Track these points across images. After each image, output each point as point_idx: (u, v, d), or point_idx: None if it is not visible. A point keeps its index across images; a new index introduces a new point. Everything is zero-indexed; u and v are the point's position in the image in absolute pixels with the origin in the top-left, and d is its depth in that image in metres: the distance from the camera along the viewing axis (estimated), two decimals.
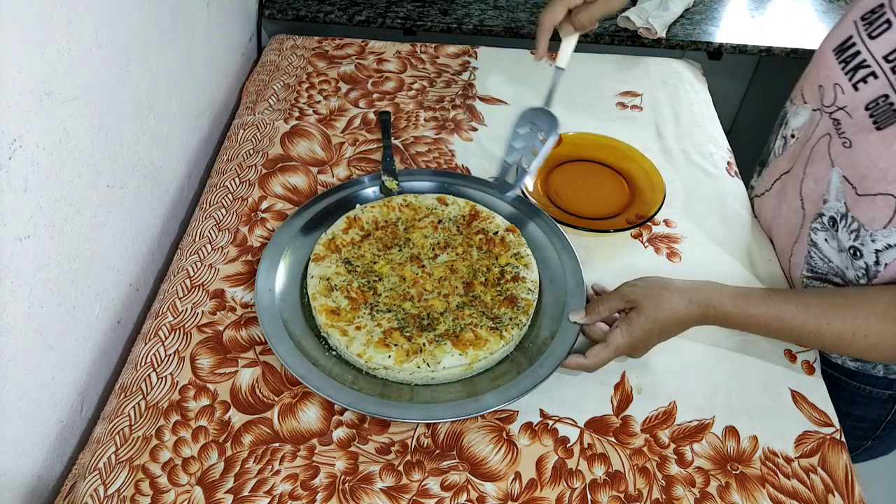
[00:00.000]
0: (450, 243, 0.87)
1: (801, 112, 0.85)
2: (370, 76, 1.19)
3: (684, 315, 0.74)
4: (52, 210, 0.68)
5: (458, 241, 0.87)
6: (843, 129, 0.75)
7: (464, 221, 0.90)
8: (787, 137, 0.87)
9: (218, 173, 1.01)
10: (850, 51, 0.74)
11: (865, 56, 0.72)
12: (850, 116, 0.74)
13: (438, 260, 0.85)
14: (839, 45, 0.76)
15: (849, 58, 0.74)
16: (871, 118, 0.71)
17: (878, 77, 0.71)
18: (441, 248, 0.87)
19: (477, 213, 0.90)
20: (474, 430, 0.74)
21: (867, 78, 0.72)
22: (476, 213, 0.90)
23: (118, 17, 0.78)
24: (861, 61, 0.73)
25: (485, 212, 0.90)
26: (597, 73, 1.23)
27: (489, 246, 0.86)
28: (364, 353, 0.74)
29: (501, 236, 0.87)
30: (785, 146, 0.88)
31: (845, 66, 0.75)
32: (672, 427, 0.75)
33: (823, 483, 0.71)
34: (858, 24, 0.74)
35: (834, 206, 0.76)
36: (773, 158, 0.91)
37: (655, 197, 0.97)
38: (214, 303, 0.84)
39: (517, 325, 0.78)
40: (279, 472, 0.69)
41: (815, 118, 0.81)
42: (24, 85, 0.62)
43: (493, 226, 0.88)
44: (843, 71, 0.75)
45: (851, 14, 0.76)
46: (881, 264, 0.73)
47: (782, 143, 0.89)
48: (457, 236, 0.88)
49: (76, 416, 0.77)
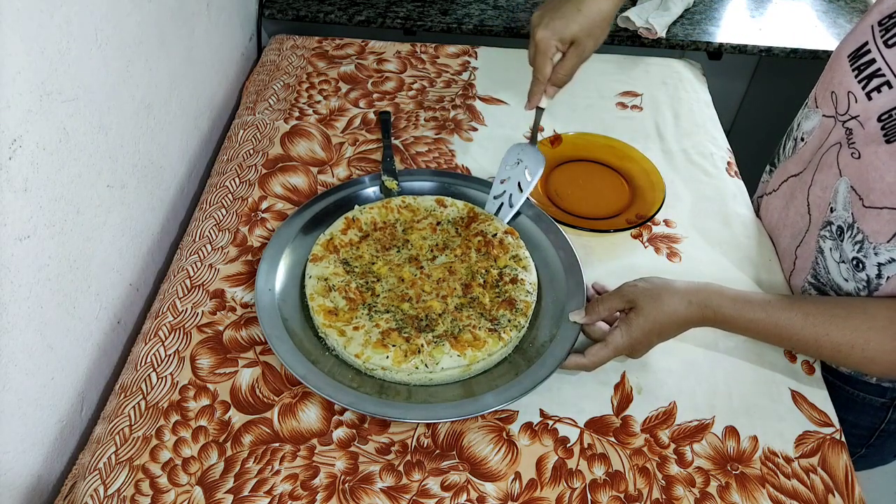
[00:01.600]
0: (448, 245, 0.87)
1: (811, 116, 0.83)
2: (370, 76, 1.19)
3: (683, 316, 0.74)
4: (52, 210, 0.68)
5: (457, 243, 0.87)
6: (854, 139, 0.73)
7: (462, 223, 0.90)
8: (797, 140, 0.86)
9: (218, 173, 1.01)
10: (864, 58, 0.72)
11: (880, 64, 0.70)
12: (863, 127, 0.72)
13: (437, 261, 0.85)
14: (854, 52, 0.74)
15: (863, 65, 0.72)
16: (882, 130, 0.69)
17: (893, 87, 0.69)
18: (440, 250, 0.87)
19: (476, 215, 0.90)
20: (474, 430, 0.74)
21: (881, 87, 0.70)
22: (475, 216, 0.90)
23: (118, 17, 0.78)
24: (876, 70, 0.71)
25: (483, 214, 0.90)
26: (597, 73, 1.22)
27: (488, 248, 0.86)
28: (362, 354, 0.74)
29: (500, 238, 0.87)
30: (794, 149, 0.87)
31: (859, 74, 0.73)
32: (672, 427, 0.75)
33: (823, 483, 0.71)
34: (875, 29, 0.72)
35: (841, 215, 0.76)
36: (784, 159, 0.91)
37: (655, 197, 0.97)
38: (214, 303, 0.84)
39: (516, 327, 0.78)
40: (279, 472, 0.69)
41: (827, 125, 0.80)
42: (24, 85, 0.62)
43: (492, 228, 0.88)
44: (857, 79, 0.73)
45: (869, 17, 0.74)
46: (883, 277, 0.73)
47: (792, 146, 0.88)
48: (455, 238, 0.88)
49: (76, 416, 0.77)
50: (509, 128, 1.11)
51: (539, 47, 0.85)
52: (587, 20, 0.83)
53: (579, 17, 0.83)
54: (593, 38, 0.85)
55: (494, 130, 1.10)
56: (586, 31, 0.84)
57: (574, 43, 0.85)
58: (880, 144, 0.69)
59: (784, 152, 0.91)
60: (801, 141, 0.86)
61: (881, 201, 0.70)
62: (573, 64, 0.86)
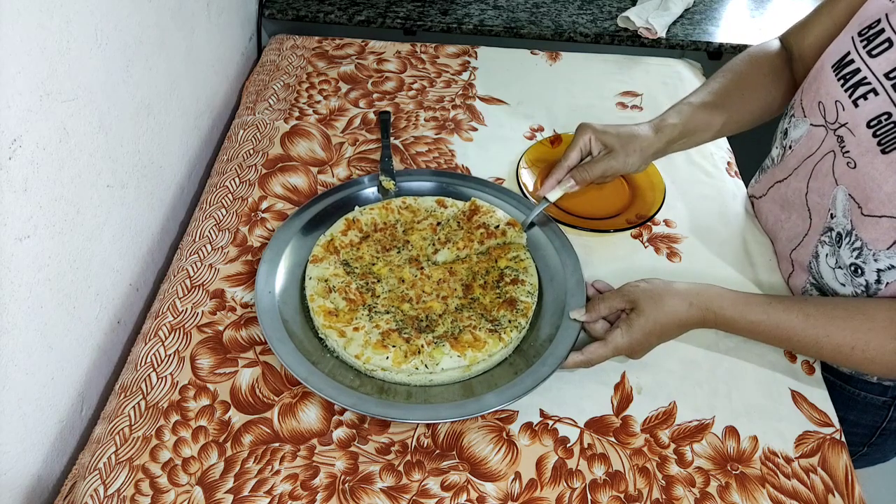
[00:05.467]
0: (451, 238, 0.87)
1: (799, 125, 0.84)
2: (370, 76, 1.19)
3: (684, 317, 0.74)
4: (52, 210, 0.68)
5: (460, 236, 0.87)
6: (848, 147, 0.74)
7: (464, 216, 0.90)
8: (786, 148, 0.87)
9: (218, 173, 1.01)
10: (849, 67, 0.74)
11: (866, 73, 0.72)
12: (853, 134, 0.73)
13: (439, 255, 0.85)
14: (838, 62, 0.76)
15: (848, 75, 0.74)
16: (876, 138, 0.70)
17: (879, 94, 0.70)
18: (441, 244, 0.86)
19: (477, 207, 0.90)
20: (474, 430, 0.74)
21: (867, 95, 0.72)
22: (476, 208, 0.90)
23: (118, 17, 0.78)
24: (861, 78, 0.72)
25: (485, 206, 0.90)
26: (597, 73, 1.23)
27: (490, 239, 0.86)
28: (362, 355, 0.74)
29: (503, 230, 0.87)
30: (782, 156, 0.88)
31: (845, 83, 0.74)
32: (672, 427, 0.75)
33: (823, 483, 0.71)
34: (856, 40, 0.74)
35: (841, 221, 0.76)
36: (771, 166, 0.91)
37: (655, 197, 0.97)
38: (214, 303, 0.84)
39: (516, 328, 0.78)
40: (279, 472, 0.69)
41: (817, 134, 0.80)
42: (24, 85, 0.62)
43: (494, 220, 0.88)
44: (843, 88, 0.74)
45: (849, 29, 0.76)
46: (882, 283, 0.73)
47: (780, 153, 0.88)
48: (458, 231, 0.88)
49: (76, 416, 0.77)
50: (509, 128, 1.11)
51: (575, 136, 0.87)
52: (629, 135, 0.86)
53: (622, 130, 0.87)
54: (628, 155, 0.85)
55: (494, 130, 1.10)
56: (624, 143, 0.85)
57: (610, 150, 0.86)
58: (876, 155, 0.70)
59: (772, 159, 0.92)
60: (788, 149, 0.86)
61: (880, 209, 0.70)
62: (600, 168, 0.86)
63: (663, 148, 0.88)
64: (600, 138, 0.86)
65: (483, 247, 0.86)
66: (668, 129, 0.87)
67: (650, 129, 0.87)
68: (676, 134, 0.87)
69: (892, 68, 0.69)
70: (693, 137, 0.90)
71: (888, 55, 0.70)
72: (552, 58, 1.26)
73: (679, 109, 0.89)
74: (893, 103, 0.69)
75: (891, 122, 0.69)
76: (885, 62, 0.70)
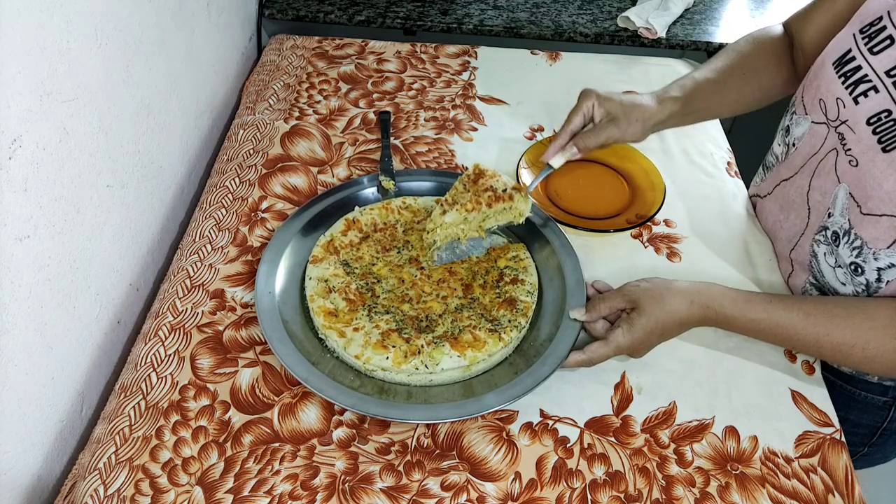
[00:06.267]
0: (458, 200, 0.86)
1: (801, 122, 0.84)
2: (370, 76, 1.19)
3: (685, 316, 0.74)
4: (52, 210, 0.68)
5: (467, 199, 0.85)
6: (849, 145, 0.74)
7: (469, 180, 0.87)
8: (789, 145, 0.87)
9: (218, 173, 1.01)
10: (850, 65, 0.74)
11: (867, 71, 0.72)
12: (853, 131, 0.73)
13: (447, 216, 0.84)
14: (839, 59, 0.76)
15: (849, 72, 0.74)
16: (876, 136, 0.70)
17: (880, 91, 0.70)
18: (449, 205, 0.85)
19: (482, 171, 0.87)
20: (474, 430, 0.74)
21: (868, 92, 0.72)
22: (482, 172, 0.87)
23: (118, 17, 0.78)
24: (862, 76, 0.72)
25: (490, 170, 0.88)
26: (597, 73, 1.23)
27: (498, 203, 0.85)
28: (362, 355, 0.74)
29: (510, 194, 0.85)
30: (787, 154, 0.88)
31: (845, 81, 0.74)
32: (672, 427, 0.75)
33: (823, 483, 0.71)
34: (858, 37, 0.74)
35: (838, 221, 0.76)
36: (776, 164, 0.91)
37: (655, 197, 0.97)
38: (214, 303, 0.84)
39: (516, 328, 0.78)
40: (279, 472, 0.69)
41: (819, 132, 0.80)
42: (24, 85, 0.62)
43: (501, 183, 0.86)
44: (844, 85, 0.74)
45: (851, 26, 0.76)
46: (883, 281, 0.73)
47: (784, 150, 0.88)
48: (464, 194, 0.86)
49: (76, 416, 0.77)
50: (509, 128, 1.11)
51: (578, 101, 0.85)
52: (632, 104, 0.85)
53: (625, 98, 0.85)
54: (630, 123, 0.84)
55: (494, 130, 1.10)
56: (626, 112, 0.84)
57: (612, 118, 0.84)
58: (878, 153, 0.70)
59: (775, 156, 0.92)
60: (792, 146, 0.86)
61: (880, 208, 0.70)
62: (603, 136, 0.84)
63: (664, 120, 0.87)
64: (603, 104, 0.84)
65: (491, 210, 0.85)
66: (671, 101, 0.86)
67: (653, 99, 0.86)
68: (678, 108, 0.87)
69: (893, 66, 0.69)
70: (694, 114, 0.90)
71: (890, 52, 0.70)
72: (552, 58, 1.26)
73: (682, 84, 0.88)
74: (894, 101, 0.69)
75: (891, 120, 0.69)
76: (886, 59, 0.70)
